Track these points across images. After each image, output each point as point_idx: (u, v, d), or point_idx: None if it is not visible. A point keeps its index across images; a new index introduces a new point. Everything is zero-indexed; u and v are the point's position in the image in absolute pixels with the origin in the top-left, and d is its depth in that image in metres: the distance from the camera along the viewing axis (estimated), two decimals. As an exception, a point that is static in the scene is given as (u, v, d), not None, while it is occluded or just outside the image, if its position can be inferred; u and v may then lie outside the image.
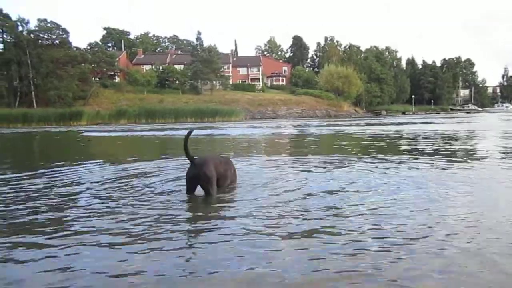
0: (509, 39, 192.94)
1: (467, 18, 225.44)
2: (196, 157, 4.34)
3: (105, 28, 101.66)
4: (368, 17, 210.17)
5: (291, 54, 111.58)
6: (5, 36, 59.93)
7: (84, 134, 20.20)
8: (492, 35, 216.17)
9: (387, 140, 12.43)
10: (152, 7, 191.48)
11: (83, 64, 63.07)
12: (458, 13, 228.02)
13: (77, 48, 68.59)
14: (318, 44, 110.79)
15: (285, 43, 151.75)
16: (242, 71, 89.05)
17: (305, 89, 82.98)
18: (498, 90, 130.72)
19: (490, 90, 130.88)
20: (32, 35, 60.75)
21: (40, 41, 61.39)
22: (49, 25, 62.29)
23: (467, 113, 69.85)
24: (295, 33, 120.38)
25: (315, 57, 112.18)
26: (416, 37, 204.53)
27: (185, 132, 4.64)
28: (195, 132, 7.92)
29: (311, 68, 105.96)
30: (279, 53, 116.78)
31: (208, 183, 4.20)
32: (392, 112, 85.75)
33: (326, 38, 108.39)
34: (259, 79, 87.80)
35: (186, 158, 4.32)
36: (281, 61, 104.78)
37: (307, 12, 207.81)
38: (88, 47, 76.19)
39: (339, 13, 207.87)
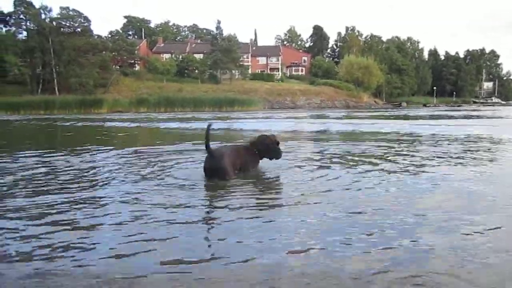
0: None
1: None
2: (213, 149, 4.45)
3: (125, 17, 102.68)
4: (390, 7, 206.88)
5: (311, 44, 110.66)
6: (28, 24, 60.89)
7: (108, 125, 19.72)
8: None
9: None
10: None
11: (104, 52, 63.80)
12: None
13: (98, 36, 69.34)
14: (339, 34, 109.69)
15: (305, 33, 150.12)
16: (262, 60, 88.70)
17: (325, 79, 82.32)
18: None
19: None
20: (54, 23, 61.50)
21: (62, 29, 62.15)
22: (71, 13, 62.95)
23: (491, 105, 68.24)
24: (316, 22, 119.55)
25: (335, 47, 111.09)
26: (440, 27, 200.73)
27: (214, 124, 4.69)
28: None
29: (331, 59, 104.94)
30: (299, 42, 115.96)
31: (224, 175, 4.34)
32: (413, 104, 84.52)
33: (347, 28, 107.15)
34: (278, 69, 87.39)
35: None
36: (300, 51, 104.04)
37: (328, 1, 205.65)
38: (109, 35, 76.94)
39: (361, 3, 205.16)
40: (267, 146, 4.88)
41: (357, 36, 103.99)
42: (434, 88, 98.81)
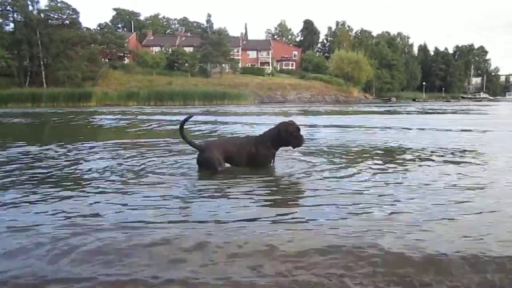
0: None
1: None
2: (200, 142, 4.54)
3: (115, 9, 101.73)
4: (389, 6, 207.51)
5: (302, 38, 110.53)
6: (15, 15, 59.95)
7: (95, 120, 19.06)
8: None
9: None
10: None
11: (92, 45, 63.26)
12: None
13: (87, 29, 68.74)
14: (329, 28, 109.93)
15: (296, 27, 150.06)
16: (252, 54, 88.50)
17: (315, 74, 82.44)
18: (511, 79, 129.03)
19: (503, 78, 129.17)
20: (42, 15, 60.66)
21: (50, 21, 61.23)
22: (59, 4, 62.09)
23: (478, 101, 68.88)
24: (306, 17, 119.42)
25: (325, 41, 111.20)
26: (430, 23, 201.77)
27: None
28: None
29: (322, 53, 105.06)
30: (290, 37, 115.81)
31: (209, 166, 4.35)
32: (402, 99, 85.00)
33: (337, 23, 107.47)
34: (268, 63, 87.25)
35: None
36: (291, 45, 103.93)
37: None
38: (98, 28, 76.33)
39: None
40: (290, 134, 4.61)
41: (347, 31, 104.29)
42: (424, 83, 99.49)
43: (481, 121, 14.40)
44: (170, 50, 74.68)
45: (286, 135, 4.56)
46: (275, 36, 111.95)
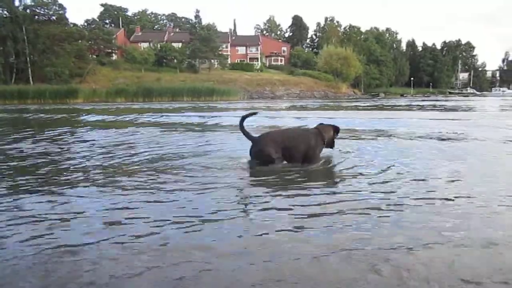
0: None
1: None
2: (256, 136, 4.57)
3: (102, 5, 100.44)
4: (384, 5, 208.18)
5: (291, 34, 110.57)
6: (0, 11, 59.09)
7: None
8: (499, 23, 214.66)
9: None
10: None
11: (80, 41, 62.67)
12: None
13: (74, 25, 67.98)
14: (318, 24, 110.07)
15: (285, 23, 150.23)
16: (241, 50, 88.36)
17: (304, 69, 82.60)
18: (497, 74, 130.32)
19: (489, 74, 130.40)
20: (28, 11, 59.95)
21: (36, 16, 60.59)
22: (45, 0, 61.39)
23: (465, 96, 69.63)
24: (295, 12, 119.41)
25: (314, 37, 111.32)
26: (418, 19, 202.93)
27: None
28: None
29: (311, 49, 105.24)
30: (279, 32, 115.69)
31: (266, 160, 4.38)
32: (391, 94, 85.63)
33: (326, 19, 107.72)
34: (257, 58, 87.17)
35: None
36: (280, 41, 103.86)
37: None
38: (85, 24, 75.48)
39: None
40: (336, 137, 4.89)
41: (336, 27, 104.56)
42: (412, 79, 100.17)
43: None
44: (158, 46, 74.16)
45: (335, 137, 4.79)
46: (264, 32, 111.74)
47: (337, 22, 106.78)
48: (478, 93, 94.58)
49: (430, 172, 4.14)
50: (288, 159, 4.48)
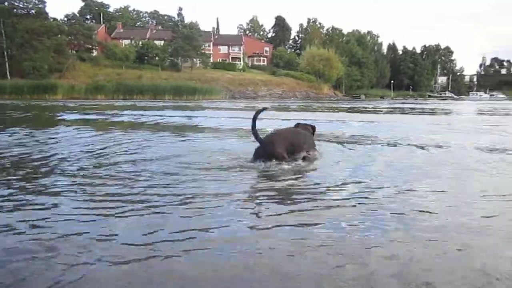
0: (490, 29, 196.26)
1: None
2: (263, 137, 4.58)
3: (83, 0, 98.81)
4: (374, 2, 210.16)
5: (273, 34, 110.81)
6: (-23, 4, 57.69)
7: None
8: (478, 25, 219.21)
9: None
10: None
11: (59, 36, 61.54)
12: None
13: (54, 19, 66.87)
14: (301, 25, 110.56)
15: (268, 23, 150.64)
16: (223, 49, 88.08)
17: (286, 70, 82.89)
18: (475, 79, 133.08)
19: (467, 78, 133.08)
20: (6, 3, 58.56)
21: (15, 10, 59.24)
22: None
23: (443, 99, 70.95)
24: (278, 13, 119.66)
25: (297, 38, 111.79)
26: (399, 22, 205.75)
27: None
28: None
29: (293, 50, 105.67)
30: (261, 33, 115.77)
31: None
32: (371, 96, 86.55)
33: (309, 20, 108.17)
34: (240, 58, 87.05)
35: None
36: (263, 41, 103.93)
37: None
38: (65, 19, 74.24)
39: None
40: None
41: (318, 28, 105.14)
42: (392, 81, 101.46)
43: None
44: (140, 43, 73.43)
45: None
46: (247, 32, 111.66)
47: (320, 23, 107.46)
48: (456, 97, 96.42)
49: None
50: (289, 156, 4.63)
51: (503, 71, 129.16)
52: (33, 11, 60.46)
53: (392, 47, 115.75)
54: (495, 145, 6.38)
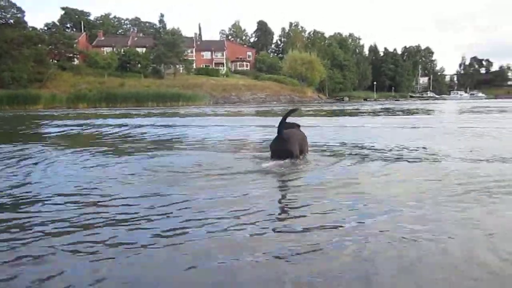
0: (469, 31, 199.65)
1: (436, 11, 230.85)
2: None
3: (63, 8, 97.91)
4: (333, 3, 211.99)
5: (256, 39, 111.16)
6: (-46, 14, 56.87)
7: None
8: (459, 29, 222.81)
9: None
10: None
11: (39, 45, 60.89)
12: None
13: (33, 28, 66.11)
14: (283, 29, 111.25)
15: (250, 28, 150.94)
16: (206, 55, 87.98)
17: (269, 74, 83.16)
18: (455, 78, 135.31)
19: (448, 78, 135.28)
20: (-17, 14, 57.92)
21: (-7, 20, 58.61)
22: (2, 3, 59.39)
23: (425, 100, 72.01)
24: (260, 18, 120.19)
25: (279, 42, 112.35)
26: (380, 24, 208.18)
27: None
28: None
29: (276, 54, 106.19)
30: (244, 37, 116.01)
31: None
32: (354, 98, 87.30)
33: (290, 24, 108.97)
34: (223, 63, 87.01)
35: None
36: (245, 46, 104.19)
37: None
38: (45, 28, 73.49)
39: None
40: None
41: (300, 32, 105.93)
42: (374, 83, 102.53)
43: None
44: (122, 50, 72.95)
45: None
46: (230, 37, 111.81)
47: (302, 27, 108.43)
48: (437, 96, 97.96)
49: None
50: None
51: (482, 70, 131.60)
52: (11, 21, 59.82)
53: (373, 49, 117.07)
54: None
